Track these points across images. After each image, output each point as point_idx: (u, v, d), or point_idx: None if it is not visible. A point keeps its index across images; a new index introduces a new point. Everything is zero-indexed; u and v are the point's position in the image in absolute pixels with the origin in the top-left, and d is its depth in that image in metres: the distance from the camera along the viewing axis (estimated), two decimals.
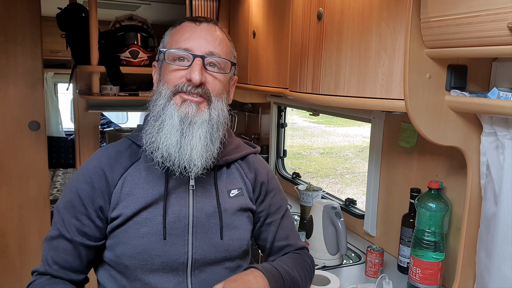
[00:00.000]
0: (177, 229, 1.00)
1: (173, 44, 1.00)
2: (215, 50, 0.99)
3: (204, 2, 2.40)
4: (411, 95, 1.01)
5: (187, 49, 0.97)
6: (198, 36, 0.98)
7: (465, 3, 0.88)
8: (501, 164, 1.02)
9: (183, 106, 0.96)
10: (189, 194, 1.02)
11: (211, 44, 0.99)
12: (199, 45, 0.97)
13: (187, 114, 0.95)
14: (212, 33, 1.00)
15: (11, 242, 2.72)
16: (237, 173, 1.11)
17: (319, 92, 1.31)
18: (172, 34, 1.03)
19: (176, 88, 0.97)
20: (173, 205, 1.01)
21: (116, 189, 0.99)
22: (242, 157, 1.13)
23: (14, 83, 2.61)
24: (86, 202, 0.98)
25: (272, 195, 1.15)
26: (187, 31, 0.99)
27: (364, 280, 1.43)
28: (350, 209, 1.90)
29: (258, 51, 1.97)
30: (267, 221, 1.13)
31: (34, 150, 2.71)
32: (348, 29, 1.18)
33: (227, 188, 1.07)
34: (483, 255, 1.08)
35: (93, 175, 0.99)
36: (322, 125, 10.53)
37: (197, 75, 0.95)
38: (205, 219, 1.02)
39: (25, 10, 2.57)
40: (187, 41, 0.98)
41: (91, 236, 0.99)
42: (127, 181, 1.00)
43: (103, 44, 2.27)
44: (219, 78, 1.00)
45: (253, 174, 1.13)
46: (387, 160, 1.64)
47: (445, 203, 1.27)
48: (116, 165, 1.01)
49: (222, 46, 1.01)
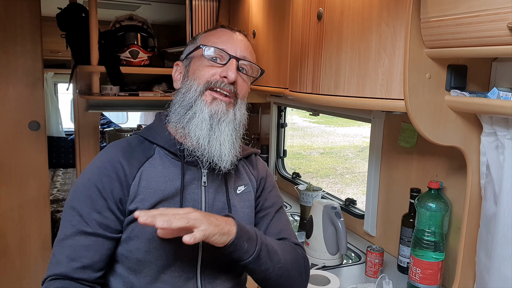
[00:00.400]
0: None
1: (208, 44, 1.05)
2: (247, 56, 1.06)
3: (204, 2, 2.40)
4: (411, 95, 1.01)
5: (224, 49, 1.03)
6: (234, 41, 1.06)
7: (465, 3, 0.88)
8: (501, 164, 1.02)
9: (213, 104, 1.00)
10: (202, 190, 1.05)
11: (245, 50, 1.06)
12: (234, 48, 1.04)
13: (217, 112, 1.00)
14: (245, 42, 1.09)
15: (11, 242, 2.72)
16: (243, 170, 1.15)
17: (319, 92, 1.31)
18: (206, 36, 1.08)
19: (208, 84, 1.01)
20: (187, 200, 1.02)
21: (134, 182, 1.00)
22: (246, 156, 1.18)
23: (14, 83, 2.61)
24: (105, 194, 0.97)
25: (268, 191, 1.18)
26: (224, 35, 1.06)
27: (364, 280, 1.43)
28: (350, 209, 1.90)
29: (258, 51, 1.97)
30: (260, 214, 1.15)
31: (34, 150, 2.71)
32: (348, 29, 1.18)
33: (235, 185, 1.11)
34: (483, 255, 1.08)
35: (111, 167, 0.99)
36: (322, 125, 10.53)
37: (233, 73, 1.00)
38: (216, 212, 1.03)
39: (25, 10, 2.57)
40: (224, 43, 1.04)
41: (113, 229, 0.98)
42: (144, 175, 1.01)
43: (103, 44, 2.27)
44: (247, 82, 1.08)
45: (256, 171, 1.18)
46: (387, 160, 1.64)
47: (445, 203, 1.27)
48: (131, 159, 1.02)
49: (252, 54, 1.10)
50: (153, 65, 2.45)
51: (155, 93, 2.46)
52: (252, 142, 2.76)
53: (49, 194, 2.82)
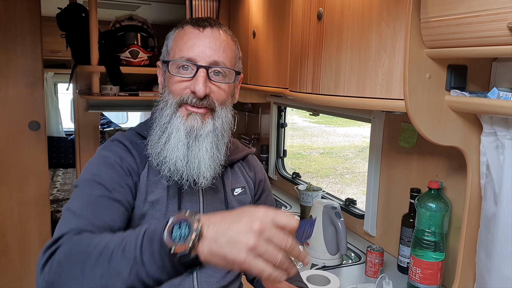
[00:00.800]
0: None
1: (176, 52, 0.98)
2: (220, 59, 0.96)
3: (204, 2, 2.40)
4: (411, 95, 1.01)
5: (191, 59, 0.95)
6: (202, 44, 0.96)
7: (465, 3, 0.88)
8: (501, 164, 1.02)
9: (189, 119, 0.96)
10: (199, 192, 1.04)
11: (216, 52, 0.96)
12: (203, 54, 0.95)
13: (193, 128, 0.96)
14: (216, 40, 0.97)
15: (11, 242, 2.72)
16: (240, 173, 1.14)
17: (319, 92, 1.31)
18: (175, 39, 1.00)
19: (181, 99, 0.96)
20: (185, 201, 1.02)
21: (144, 172, 0.98)
22: (243, 157, 1.16)
23: (14, 83, 2.61)
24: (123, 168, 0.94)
25: (266, 194, 1.19)
26: (191, 38, 0.97)
27: (364, 280, 1.43)
28: (350, 209, 1.90)
29: (258, 51, 1.97)
30: None
31: (34, 150, 2.71)
32: (348, 29, 1.18)
33: (232, 187, 1.10)
34: (483, 255, 1.08)
35: (123, 154, 0.97)
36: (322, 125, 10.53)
37: (201, 88, 0.93)
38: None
39: (25, 10, 2.57)
40: (191, 50, 0.95)
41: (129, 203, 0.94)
42: (150, 167, 0.99)
43: (103, 44, 2.27)
44: (223, 88, 0.99)
45: (253, 173, 1.17)
46: (387, 160, 1.64)
47: (445, 203, 1.27)
48: (139, 152, 1.00)
49: (227, 53, 0.99)
50: (153, 65, 2.45)
51: (155, 93, 2.46)
52: (252, 142, 2.77)
53: (49, 194, 2.83)
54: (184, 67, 0.96)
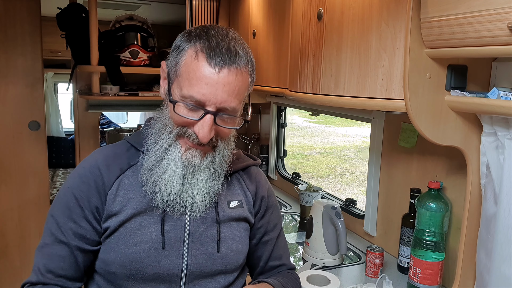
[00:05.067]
0: (172, 238, 0.96)
1: (186, 84, 0.88)
2: (231, 105, 0.89)
3: (204, 2, 2.40)
4: (411, 95, 1.01)
5: (199, 103, 0.87)
6: (215, 88, 0.86)
7: (465, 3, 0.88)
8: (501, 164, 1.02)
9: (187, 153, 0.93)
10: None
11: (229, 97, 0.88)
12: (214, 99, 0.87)
13: (190, 163, 0.93)
14: (232, 83, 0.88)
15: (11, 242, 2.72)
16: (237, 185, 1.08)
17: (319, 92, 1.31)
18: (186, 65, 0.88)
19: (182, 132, 0.92)
20: (170, 213, 0.96)
21: (111, 190, 0.95)
22: (243, 168, 1.10)
23: (14, 83, 2.61)
24: (82, 203, 0.94)
25: (271, 211, 1.12)
26: (204, 78, 0.86)
27: (364, 280, 1.43)
28: (350, 209, 1.90)
29: (258, 51, 1.97)
30: (264, 239, 1.10)
31: (34, 150, 2.71)
32: (348, 29, 1.18)
33: (227, 199, 1.04)
34: (483, 255, 1.08)
35: (90, 174, 0.96)
36: (322, 125, 10.53)
37: (206, 134, 0.88)
38: (202, 228, 0.98)
39: (25, 10, 2.57)
40: (201, 93, 0.86)
41: (89, 239, 0.95)
42: (123, 183, 0.96)
43: (103, 44, 2.27)
44: (229, 131, 0.95)
45: (254, 186, 1.09)
46: (387, 160, 1.64)
47: (445, 203, 1.27)
48: (113, 165, 0.97)
49: (241, 95, 0.91)
50: (153, 65, 2.45)
51: (155, 93, 2.46)
52: (252, 142, 2.77)
53: (49, 194, 2.82)
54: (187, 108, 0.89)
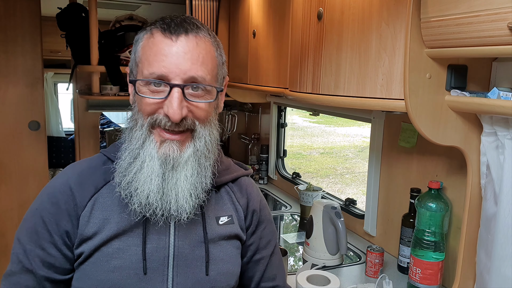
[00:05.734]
0: (155, 262, 0.86)
1: (145, 65, 0.81)
2: (198, 74, 0.80)
3: (204, 2, 2.40)
4: (411, 95, 1.01)
5: (162, 77, 0.79)
6: (175, 57, 0.79)
7: (465, 3, 0.88)
8: (501, 164, 1.02)
9: (163, 147, 0.82)
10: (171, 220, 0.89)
11: (193, 66, 0.80)
12: (177, 70, 0.79)
13: (168, 157, 0.82)
14: (194, 50, 0.80)
15: (11, 242, 2.69)
16: (227, 198, 0.97)
17: (319, 92, 1.31)
18: (143, 48, 0.83)
19: (154, 122, 0.82)
20: (151, 233, 0.87)
21: (84, 212, 0.85)
22: (233, 180, 0.99)
23: (14, 83, 2.61)
24: (51, 227, 0.85)
25: (264, 226, 1.01)
26: (162, 49, 0.80)
27: (364, 280, 1.43)
28: (350, 209, 1.90)
29: (258, 51, 1.97)
30: (255, 257, 1.00)
31: (34, 150, 2.71)
32: (348, 29, 1.18)
33: (216, 214, 0.93)
34: (483, 255, 1.08)
35: (59, 194, 0.86)
36: (322, 125, 10.53)
37: (176, 111, 0.78)
38: (188, 250, 0.88)
39: (25, 10, 2.57)
40: (162, 65, 0.79)
41: (59, 268, 0.86)
42: (98, 203, 0.87)
43: (103, 44, 2.27)
44: (203, 107, 0.83)
45: (245, 199, 0.99)
46: (387, 160, 1.64)
47: (445, 203, 1.27)
48: (87, 184, 0.87)
49: (207, 64, 0.82)
50: None
51: None
52: (252, 142, 2.77)
53: None
54: (155, 84, 0.81)
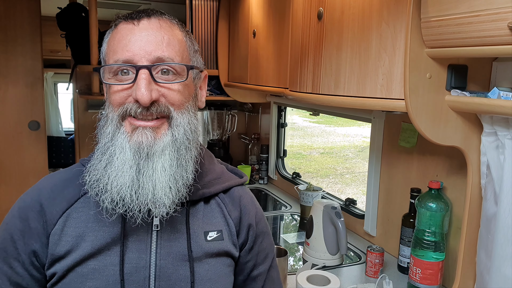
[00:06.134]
0: (135, 283, 0.78)
1: (110, 55, 0.79)
2: (164, 54, 0.77)
3: (204, 2, 2.40)
4: (411, 95, 1.01)
5: (127, 61, 0.76)
6: (138, 39, 0.76)
7: (465, 2, 0.88)
8: (502, 164, 1.02)
9: (135, 135, 0.76)
10: (152, 236, 0.81)
11: (158, 46, 0.76)
12: (142, 51, 0.75)
13: (141, 145, 0.75)
14: (157, 32, 0.77)
15: None
16: (217, 211, 0.88)
17: (319, 92, 1.31)
18: (109, 42, 0.81)
19: (123, 111, 0.76)
20: (130, 251, 0.79)
21: (55, 229, 0.79)
22: (225, 190, 0.91)
23: (14, 83, 2.61)
24: (19, 245, 0.79)
25: (261, 240, 0.93)
26: (125, 35, 0.77)
27: (364, 280, 1.43)
28: (350, 209, 1.90)
29: (258, 51, 1.97)
30: (253, 274, 0.92)
31: (34, 150, 2.71)
32: (348, 28, 1.18)
33: (204, 229, 0.85)
34: (483, 255, 1.08)
35: (29, 210, 0.81)
36: (322, 125, 10.53)
37: (144, 93, 0.73)
38: (172, 269, 0.80)
39: (25, 10, 2.57)
40: (126, 49, 0.76)
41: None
42: (72, 218, 0.80)
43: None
44: (176, 88, 0.78)
45: (238, 213, 0.90)
46: (387, 160, 1.64)
47: (445, 203, 1.27)
48: (59, 198, 0.81)
49: (174, 45, 0.79)
50: None
51: None
52: (252, 142, 2.76)
53: None
54: (123, 72, 0.77)
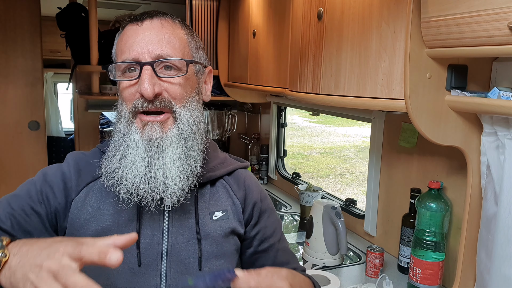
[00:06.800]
0: (149, 257, 0.87)
1: (119, 55, 0.88)
2: (164, 51, 0.85)
3: (204, 2, 2.40)
4: (411, 95, 1.01)
5: (133, 59, 0.84)
6: (141, 39, 0.85)
7: (465, 2, 0.88)
8: (502, 164, 1.01)
9: (146, 130, 0.84)
10: (164, 215, 0.90)
11: (158, 45, 0.85)
12: (145, 50, 0.84)
13: (152, 139, 0.84)
14: (158, 31, 0.86)
15: None
16: (223, 192, 0.97)
17: (319, 92, 1.31)
18: (117, 44, 0.90)
19: (133, 107, 0.85)
20: (145, 228, 0.88)
21: (78, 197, 0.87)
22: (229, 173, 0.99)
23: (14, 83, 2.61)
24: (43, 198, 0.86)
25: (267, 215, 1.01)
26: (130, 36, 0.86)
27: (364, 280, 1.43)
28: (350, 209, 1.90)
29: (258, 51, 1.97)
30: (262, 246, 0.99)
31: (34, 150, 2.71)
32: (348, 28, 1.18)
33: (210, 210, 0.94)
34: (484, 255, 1.08)
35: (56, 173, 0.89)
36: (322, 125, 10.53)
37: (147, 87, 0.81)
38: (182, 246, 0.89)
39: (25, 10, 2.57)
40: (131, 49, 0.85)
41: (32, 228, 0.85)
42: (94, 192, 0.89)
43: (103, 44, 2.27)
44: (177, 82, 0.86)
45: (243, 192, 0.98)
46: (387, 160, 1.64)
47: (445, 203, 1.27)
48: (84, 170, 0.90)
49: (174, 43, 0.87)
50: None
51: None
52: (252, 142, 2.76)
53: None
54: (130, 69, 0.86)
